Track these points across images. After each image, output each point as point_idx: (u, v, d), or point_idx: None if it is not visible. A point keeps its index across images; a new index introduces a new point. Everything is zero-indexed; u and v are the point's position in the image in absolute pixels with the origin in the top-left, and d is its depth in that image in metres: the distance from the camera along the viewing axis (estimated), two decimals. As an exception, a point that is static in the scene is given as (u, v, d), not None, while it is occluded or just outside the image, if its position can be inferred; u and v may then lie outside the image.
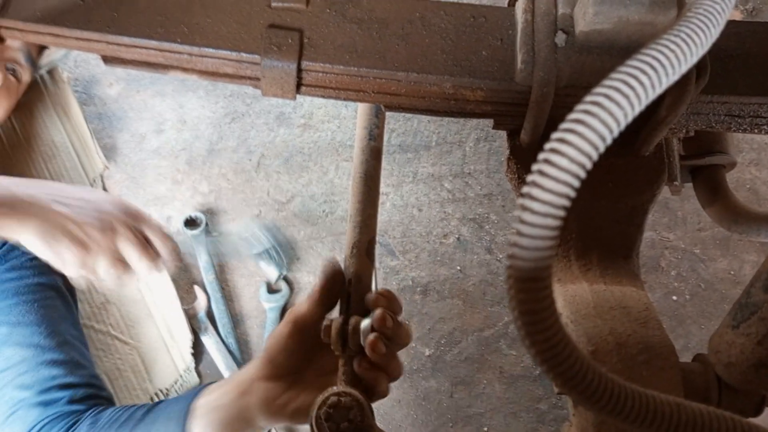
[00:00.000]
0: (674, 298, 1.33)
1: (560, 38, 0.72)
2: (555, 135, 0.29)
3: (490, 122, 0.91)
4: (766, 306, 0.55)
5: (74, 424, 0.94)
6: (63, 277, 1.13)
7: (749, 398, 0.62)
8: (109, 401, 0.99)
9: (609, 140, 0.30)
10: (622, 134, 0.87)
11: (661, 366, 0.61)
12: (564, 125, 0.29)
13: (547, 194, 0.28)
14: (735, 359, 0.59)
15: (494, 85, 0.76)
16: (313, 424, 0.71)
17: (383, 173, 1.40)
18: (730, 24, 0.81)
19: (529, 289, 0.30)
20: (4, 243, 1.07)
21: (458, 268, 1.34)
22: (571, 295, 0.73)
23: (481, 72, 0.75)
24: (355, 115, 0.99)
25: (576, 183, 0.29)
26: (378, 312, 0.68)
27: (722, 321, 0.62)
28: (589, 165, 0.30)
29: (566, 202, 0.29)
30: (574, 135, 0.28)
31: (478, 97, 0.77)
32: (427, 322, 1.30)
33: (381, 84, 0.77)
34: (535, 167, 0.29)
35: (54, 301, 1.08)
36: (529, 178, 0.30)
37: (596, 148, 0.29)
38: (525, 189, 0.29)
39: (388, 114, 1.57)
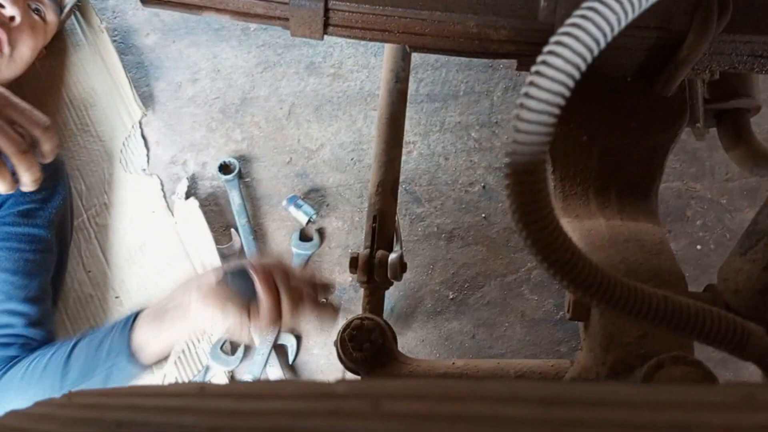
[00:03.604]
0: (698, 247, 1.34)
1: (583, -24, 0.73)
2: (552, 39, 0.31)
3: (519, 73, 0.92)
4: (772, 232, 0.56)
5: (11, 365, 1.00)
6: (56, 231, 1.18)
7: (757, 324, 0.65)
8: None
9: (603, 44, 0.32)
10: (644, 74, 0.88)
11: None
12: (561, 30, 0.32)
13: (543, 93, 0.31)
14: (742, 285, 0.62)
15: (517, 24, 0.77)
16: (338, 344, 0.75)
17: (411, 123, 1.43)
18: (756, -39, 0.80)
19: (526, 181, 0.33)
20: None
21: (483, 215, 1.37)
22: (588, 230, 0.76)
23: (505, 10, 0.77)
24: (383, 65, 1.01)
25: (570, 83, 0.31)
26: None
27: (731, 250, 0.64)
28: (582, 66, 0.32)
29: (560, 101, 0.32)
30: (569, 38, 0.31)
31: (501, 36, 0.79)
32: (451, 267, 1.34)
33: (406, 23, 0.79)
34: (533, 68, 0.32)
35: (36, 255, 1.12)
36: (528, 78, 0.32)
37: (590, 50, 0.31)
38: (523, 89, 0.32)
39: (417, 64, 1.58)
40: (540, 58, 0.31)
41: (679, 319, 0.36)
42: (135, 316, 0.91)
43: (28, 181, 0.77)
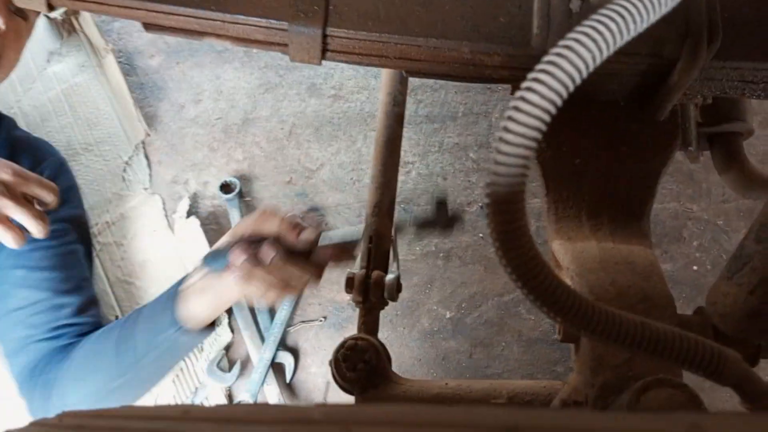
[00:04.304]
0: (695, 268, 1.35)
1: (575, 4, 0.75)
2: (530, 75, 0.33)
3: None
4: (758, 256, 0.57)
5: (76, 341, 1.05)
6: (78, 225, 1.22)
7: (744, 348, 0.65)
8: None
9: (578, 80, 0.33)
10: (637, 99, 0.89)
11: (658, 316, 0.65)
12: (539, 66, 0.33)
13: (521, 127, 0.32)
14: (729, 309, 0.62)
15: (511, 51, 0.79)
16: (332, 364, 0.76)
17: (409, 143, 1.45)
18: (744, -10, 0.82)
19: (505, 211, 0.34)
20: None
21: (480, 235, 1.38)
22: (579, 251, 0.77)
23: (499, 38, 0.78)
24: (383, 86, 1.03)
25: (546, 117, 0.33)
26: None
27: (719, 274, 0.65)
28: (558, 102, 0.33)
29: (537, 135, 0.33)
30: (545, 75, 0.32)
31: (495, 62, 0.81)
32: (448, 286, 1.35)
33: (402, 49, 0.81)
34: (511, 103, 0.33)
35: (68, 246, 1.16)
36: (506, 113, 0.33)
37: (566, 86, 0.33)
38: (503, 123, 0.33)
39: (416, 85, 1.61)
40: (518, 93, 0.33)
41: (656, 345, 0.37)
42: (174, 293, 0.97)
43: (40, 234, 0.85)
